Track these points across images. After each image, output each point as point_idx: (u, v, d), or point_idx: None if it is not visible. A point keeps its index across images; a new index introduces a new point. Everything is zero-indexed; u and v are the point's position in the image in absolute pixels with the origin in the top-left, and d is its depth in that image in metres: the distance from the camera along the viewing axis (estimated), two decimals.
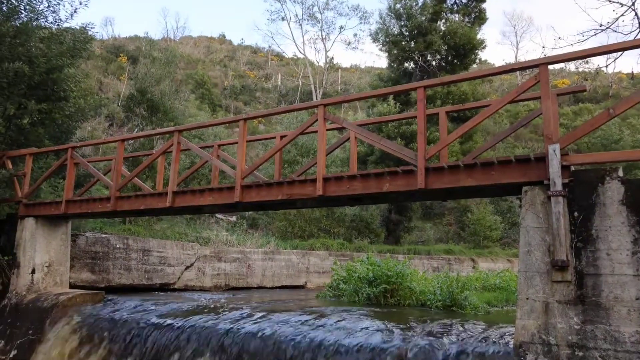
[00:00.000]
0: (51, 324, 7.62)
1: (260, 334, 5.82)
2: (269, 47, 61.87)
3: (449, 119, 8.02)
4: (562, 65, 49.92)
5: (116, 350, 6.57)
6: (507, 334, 5.25)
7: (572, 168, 4.65)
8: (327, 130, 6.77)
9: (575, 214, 4.48)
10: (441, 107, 7.20)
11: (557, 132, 4.77)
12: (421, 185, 5.38)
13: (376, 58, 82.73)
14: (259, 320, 6.44)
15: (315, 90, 42.77)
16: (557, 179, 4.51)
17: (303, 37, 71.49)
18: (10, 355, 7.71)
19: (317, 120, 6.38)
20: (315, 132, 7.42)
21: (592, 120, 4.78)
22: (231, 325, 6.22)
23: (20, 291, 8.69)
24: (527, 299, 4.55)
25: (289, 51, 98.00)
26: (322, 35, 46.50)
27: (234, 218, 20.39)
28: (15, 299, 8.57)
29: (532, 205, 4.72)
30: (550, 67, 4.98)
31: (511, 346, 4.61)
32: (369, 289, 8.97)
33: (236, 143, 7.86)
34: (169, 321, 6.71)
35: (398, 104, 20.89)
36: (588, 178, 4.50)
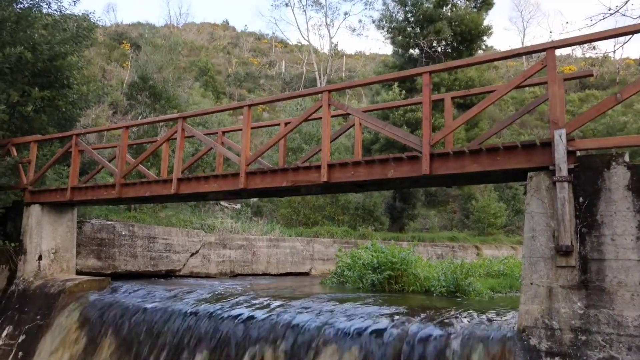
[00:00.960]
0: (59, 310, 7.71)
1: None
2: (273, 33, 61.47)
3: (454, 106, 7.99)
4: (568, 51, 49.54)
5: (123, 335, 6.65)
6: (510, 319, 5.27)
7: (578, 153, 4.63)
8: (332, 116, 6.75)
9: (581, 199, 4.46)
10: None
11: (563, 117, 4.74)
12: (426, 171, 5.37)
13: (381, 45, 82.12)
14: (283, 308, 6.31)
15: (320, 78, 42.58)
16: (562, 164, 4.49)
17: (307, 23, 71.36)
18: (19, 340, 7.81)
19: (321, 106, 6.36)
20: (320, 118, 7.41)
21: (599, 105, 4.75)
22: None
23: (27, 277, 8.78)
24: (531, 284, 4.56)
25: (293, 38, 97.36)
26: (326, 22, 46.30)
27: (238, 206, 20.46)
28: (23, 285, 8.66)
29: (537, 190, 4.71)
30: (557, 53, 4.94)
31: (515, 331, 4.63)
32: (374, 276, 9.00)
33: (240, 130, 7.85)
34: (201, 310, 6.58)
35: (403, 92, 20.77)
36: (594, 163, 4.48)
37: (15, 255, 8.96)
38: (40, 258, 8.92)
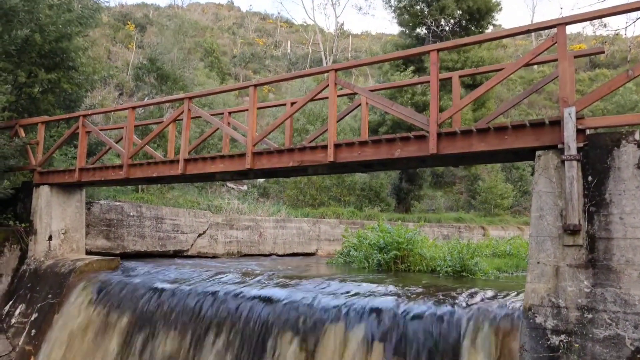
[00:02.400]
0: (69, 289, 7.83)
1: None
2: (278, 13, 61.05)
3: (462, 86, 7.91)
4: (579, 29, 48.68)
5: (137, 314, 6.75)
6: (516, 298, 5.29)
7: (587, 132, 4.58)
8: (338, 96, 6.70)
9: (589, 178, 4.43)
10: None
11: (573, 95, 4.68)
12: (433, 151, 5.34)
13: (388, 24, 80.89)
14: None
15: (326, 58, 42.20)
16: (571, 142, 4.45)
17: (313, 2, 70.15)
18: (32, 318, 7.96)
19: (327, 85, 6.31)
20: (325, 98, 7.37)
21: (610, 82, 4.67)
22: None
23: (38, 257, 8.90)
24: (538, 263, 4.57)
25: (299, 17, 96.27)
26: (332, 0, 45.49)
27: (245, 187, 20.53)
28: (34, 265, 8.79)
29: (545, 169, 4.68)
30: (567, 31, 4.85)
31: (521, 309, 4.65)
32: (380, 256, 9.05)
33: (246, 110, 7.82)
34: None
35: (416, 75, 20.52)
36: (603, 142, 4.43)
37: (26, 235, 9.07)
38: (50, 238, 9.03)
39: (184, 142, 7.51)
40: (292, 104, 8.03)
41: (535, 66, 41.51)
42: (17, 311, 8.28)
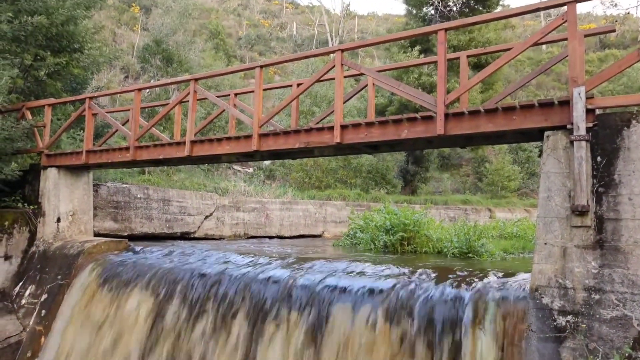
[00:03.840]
0: (78, 270, 7.92)
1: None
2: None
3: (470, 67, 7.81)
4: (589, 9, 47.78)
5: (143, 292, 6.83)
6: (523, 279, 5.30)
7: (597, 112, 4.52)
8: (344, 77, 6.64)
9: (598, 158, 4.39)
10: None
11: (582, 74, 4.60)
12: (440, 132, 5.30)
13: (394, 4, 79.79)
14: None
15: (332, 39, 41.80)
16: (581, 123, 4.40)
17: None
18: (42, 299, 8.08)
19: (334, 66, 6.25)
20: (332, 79, 7.31)
21: (621, 61, 4.59)
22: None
23: (47, 239, 9.00)
24: (545, 244, 4.55)
25: None
26: None
27: (251, 169, 20.55)
28: (43, 246, 8.89)
29: (553, 150, 4.63)
30: (577, 11, 4.74)
31: (527, 290, 4.66)
32: (386, 237, 9.06)
33: (252, 92, 7.78)
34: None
35: (422, 56, 20.27)
36: (613, 122, 4.37)
37: (35, 217, 9.15)
38: (58, 220, 9.11)
39: (190, 123, 7.50)
40: (299, 85, 7.97)
41: (544, 47, 40.95)
42: (27, 292, 8.40)
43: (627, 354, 3.88)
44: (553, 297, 4.39)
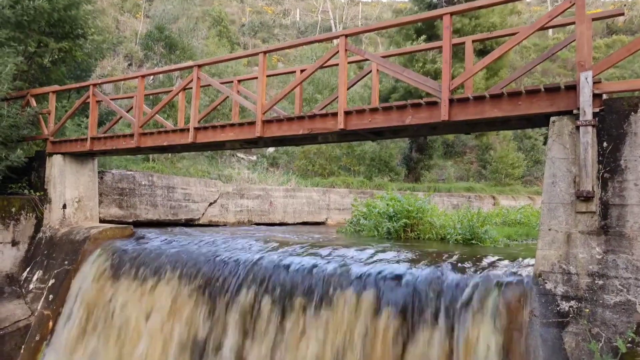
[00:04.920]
0: (85, 255, 7.99)
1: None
2: None
3: (475, 53, 7.73)
4: None
5: (148, 275, 6.90)
6: (526, 265, 5.31)
7: (604, 97, 4.48)
8: (348, 63, 6.60)
9: (604, 144, 4.36)
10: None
11: (590, 59, 4.56)
12: (445, 117, 5.28)
13: None
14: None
15: (335, 26, 41.51)
16: (587, 108, 4.37)
17: None
18: (49, 284, 8.16)
19: (338, 52, 6.22)
20: (335, 66, 7.26)
21: (629, 45, 4.54)
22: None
23: (53, 225, 9.06)
24: (549, 230, 4.55)
25: None
26: None
27: (254, 157, 20.56)
28: (50, 232, 8.95)
29: (559, 136, 4.61)
30: None
31: (531, 276, 4.67)
32: (389, 224, 9.08)
33: (256, 79, 7.75)
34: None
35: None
36: (620, 106, 4.34)
37: (41, 204, 9.21)
38: (64, 207, 9.17)
39: (194, 110, 7.50)
40: (302, 71, 7.93)
41: (550, 33, 40.51)
42: (35, 277, 8.49)
43: (630, 339, 3.89)
44: (556, 283, 4.41)
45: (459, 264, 5.39)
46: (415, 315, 4.94)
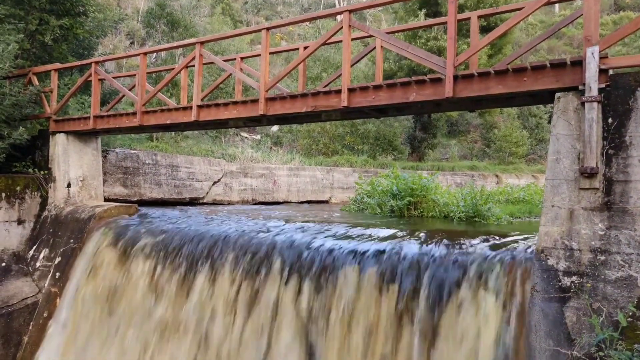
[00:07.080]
0: (90, 233, 8.06)
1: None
2: None
3: (479, 31, 7.62)
4: None
5: (150, 252, 6.97)
6: (528, 241, 5.33)
7: (611, 72, 4.43)
8: (352, 39, 6.53)
9: (610, 120, 4.33)
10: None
11: (597, 34, 4.50)
12: (449, 94, 5.24)
13: None
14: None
15: (339, 3, 40.93)
16: (593, 83, 4.33)
17: None
18: (55, 262, 8.26)
19: (341, 28, 6.14)
20: (339, 42, 7.18)
21: (637, 19, 4.47)
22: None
23: (58, 204, 9.12)
24: (553, 206, 4.56)
25: None
26: None
27: (258, 136, 20.54)
28: (55, 211, 9.02)
29: (564, 112, 4.58)
30: None
31: (533, 252, 4.70)
32: (393, 202, 9.11)
33: (259, 56, 7.68)
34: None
35: (429, 19, 19.80)
36: (627, 82, 4.30)
37: (45, 182, 9.26)
38: (69, 185, 9.21)
39: (197, 88, 7.46)
40: (305, 48, 7.86)
41: (557, 10, 39.85)
42: (41, 255, 8.59)
43: (630, 313, 3.93)
44: (559, 259, 4.43)
45: (461, 240, 5.42)
46: (419, 291, 4.99)
